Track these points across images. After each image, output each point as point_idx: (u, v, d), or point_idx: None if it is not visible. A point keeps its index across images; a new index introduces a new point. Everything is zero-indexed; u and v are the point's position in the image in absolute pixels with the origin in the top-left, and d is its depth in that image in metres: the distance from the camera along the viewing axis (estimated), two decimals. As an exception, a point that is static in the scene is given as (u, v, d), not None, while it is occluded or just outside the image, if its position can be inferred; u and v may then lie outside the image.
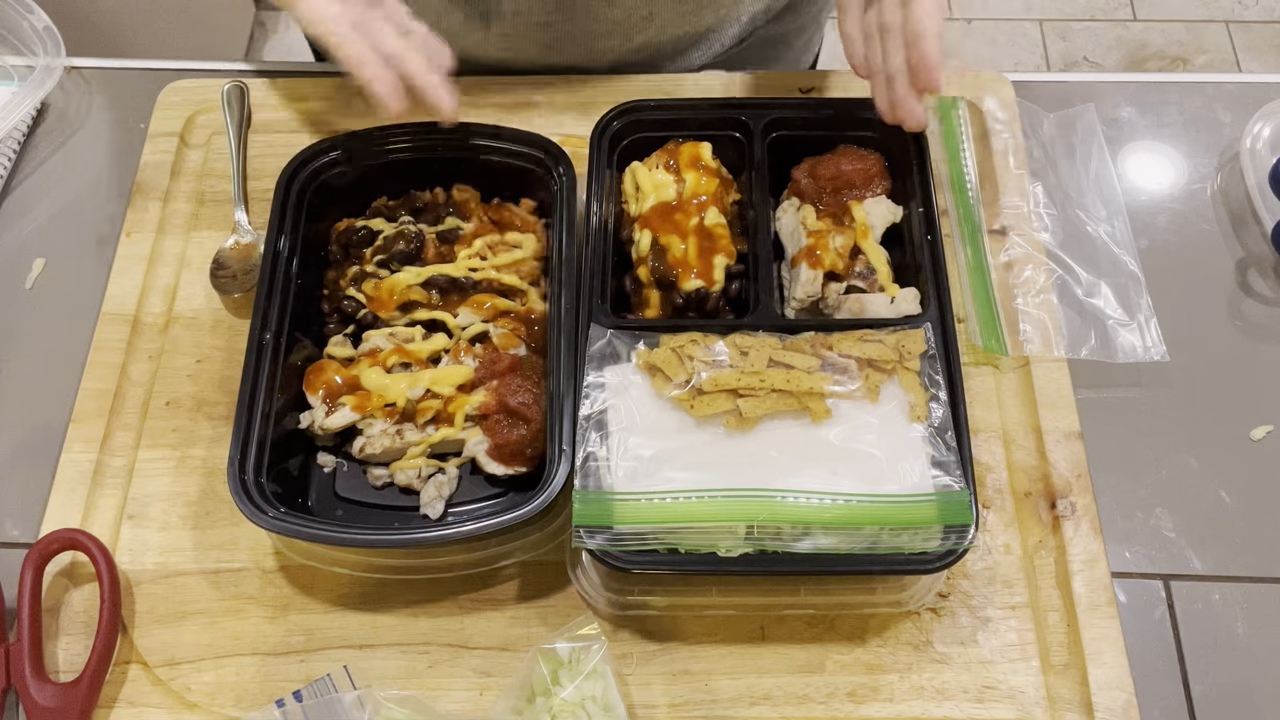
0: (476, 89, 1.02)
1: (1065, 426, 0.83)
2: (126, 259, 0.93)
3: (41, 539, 0.76)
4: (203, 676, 0.75)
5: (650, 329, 0.79)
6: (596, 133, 0.89)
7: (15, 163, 1.00)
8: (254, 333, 0.80)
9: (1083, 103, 1.01)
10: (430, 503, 0.80)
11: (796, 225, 0.87)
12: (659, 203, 0.86)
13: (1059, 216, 0.94)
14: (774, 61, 1.16)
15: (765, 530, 0.70)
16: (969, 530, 0.70)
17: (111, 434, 0.84)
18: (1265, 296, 0.92)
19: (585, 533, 0.70)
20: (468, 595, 0.78)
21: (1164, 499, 0.82)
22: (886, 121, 0.82)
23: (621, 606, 0.76)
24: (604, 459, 0.73)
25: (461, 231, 0.88)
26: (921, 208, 0.85)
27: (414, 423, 0.80)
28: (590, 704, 0.69)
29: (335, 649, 0.76)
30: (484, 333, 0.84)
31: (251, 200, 0.96)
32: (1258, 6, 2.65)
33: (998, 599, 0.77)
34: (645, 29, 1.00)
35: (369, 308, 0.85)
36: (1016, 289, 0.89)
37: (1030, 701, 0.73)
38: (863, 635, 0.76)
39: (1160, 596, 0.79)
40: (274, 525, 0.73)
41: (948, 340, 0.79)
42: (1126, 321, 0.88)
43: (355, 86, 0.79)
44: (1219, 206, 0.96)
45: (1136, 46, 2.57)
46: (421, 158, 0.90)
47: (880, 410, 0.75)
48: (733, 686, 0.74)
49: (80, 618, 0.78)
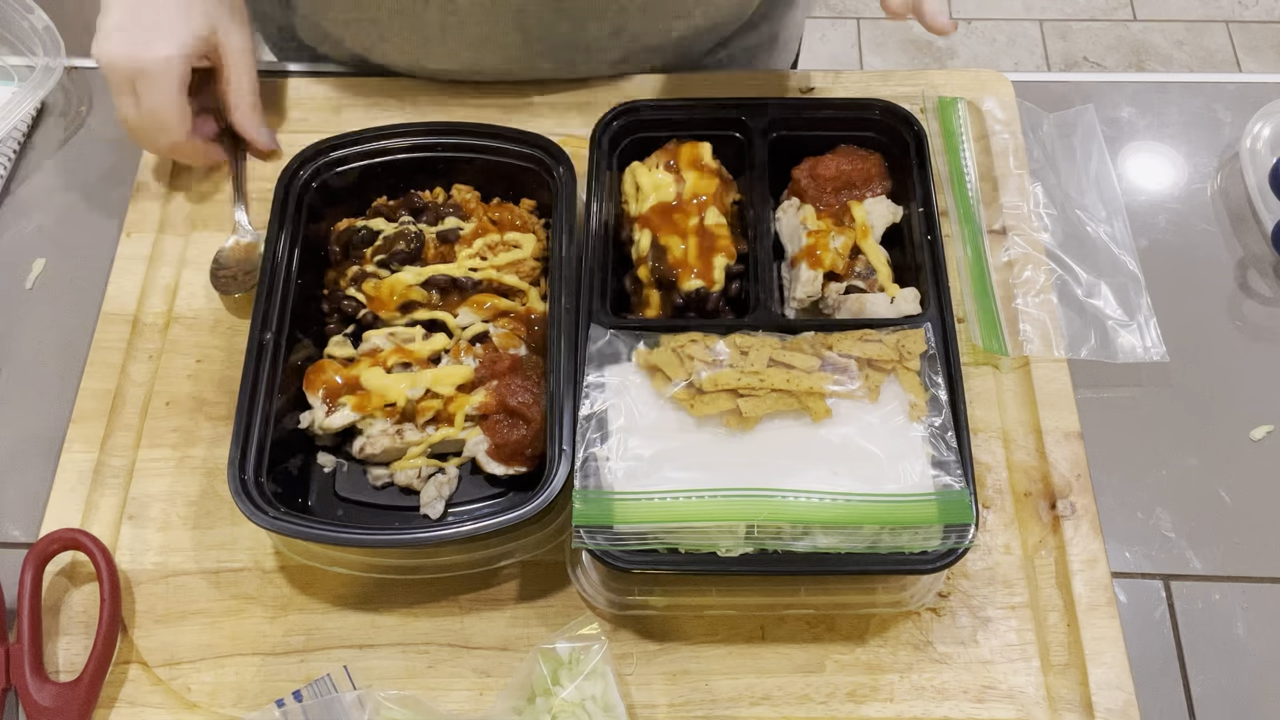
0: (476, 89, 1.02)
1: (1065, 426, 0.83)
2: (126, 259, 0.93)
3: (41, 539, 0.76)
4: (203, 676, 0.75)
5: (650, 329, 0.79)
6: (596, 133, 0.89)
7: (15, 163, 1.00)
8: (254, 333, 0.80)
9: (1083, 103, 1.01)
10: (430, 503, 0.80)
11: (796, 225, 0.87)
12: (659, 203, 0.86)
13: (1059, 216, 0.94)
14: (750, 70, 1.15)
15: (765, 530, 0.70)
16: (969, 530, 0.70)
17: (111, 434, 0.84)
18: (1265, 296, 0.92)
19: (585, 533, 0.70)
20: (468, 595, 0.78)
21: (1164, 499, 0.82)
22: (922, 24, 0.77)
23: (621, 606, 0.76)
24: (604, 459, 0.73)
25: (461, 231, 0.88)
26: (921, 208, 0.85)
27: (414, 423, 0.80)
28: (590, 704, 0.69)
29: (335, 649, 0.76)
30: (484, 333, 0.84)
31: (251, 200, 0.96)
32: (1258, 6, 2.65)
33: (998, 599, 0.77)
34: (613, 45, 0.99)
35: (369, 308, 0.85)
36: (1016, 289, 0.89)
37: (1030, 701, 0.73)
38: (863, 635, 0.76)
39: (1160, 596, 0.79)
40: (274, 525, 0.73)
41: (948, 340, 0.79)
42: (1126, 322, 0.88)
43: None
44: (1219, 206, 0.96)
45: (1136, 46, 2.57)
46: (421, 157, 0.90)
47: (880, 410, 0.75)
48: (733, 686, 0.74)
49: (80, 618, 0.78)
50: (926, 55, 2.61)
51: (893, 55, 2.61)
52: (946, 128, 0.97)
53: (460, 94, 1.02)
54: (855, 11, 2.69)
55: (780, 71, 1.16)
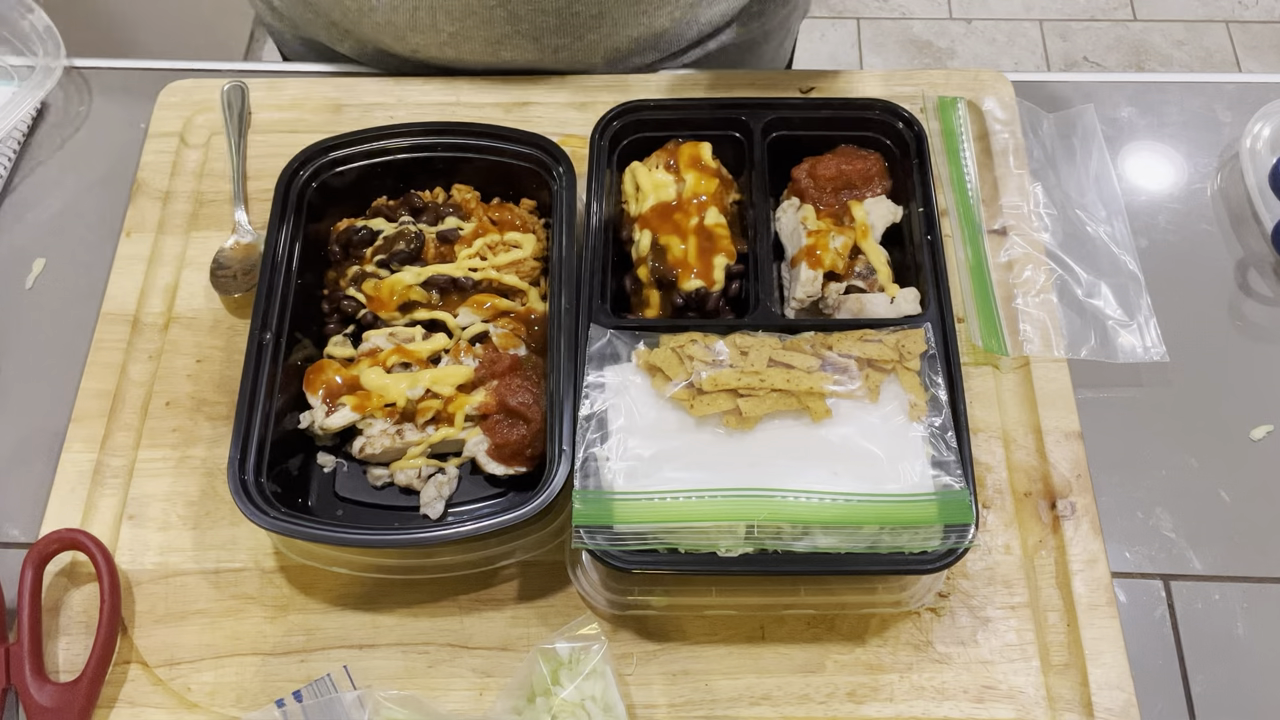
0: (477, 89, 1.02)
1: (1065, 426, 0.83)
2: (126, 259, 0.93)
3: (41, 539, 0.76)
4: (203, 676, 0.75)
5: (650, 329, 0.79)
6: (596, 133, 0.89)
7: (15, 163, 1.00)
8: (254, 333, 0.80)
9: (1083, 103, 1.01)
10: (430, 503, 0.80)
11: (796, 225, 0.87)
12: (659, 203, 0.86)
13: (1059, 216, 0.94)
14: (740, 66, 1.14)
15: (765, 530, 0.70)
16: (969, 530, 0.70)
17: (111, 434, 0.84)
18: (1265, 296, 0.92)
19: (585, 533, 0.70)
20: (468, 595, 0.78)
21: (1164, 499, 0.82)
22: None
23: (621, 606, 0.76)
24: (604, 459, 0.73)
25: (461, 231, 0.88)
26: (921, 208, 0.85)
27: (414, 423, 0.80)
28: (590, 704, 0.69)
29: (335, 649, 0.76)
30: (484, 333, 0.84)
31: (251, 200, 0.96)
32: (1258, 6, 2.65)
33: (998, 599, 0.77)
34: (596, 27, 0.99)
35: (369, 308, 0.85)
36: (1016, 289, 0.89)
37: (1030, 701, 0.73)
38: (863, 635, 0.76)
39: (1160, 596, 0.79)
40: (274, 525, 0.73)
41: (948, 340, 0.79)
42: (1126, 322, 0.88)
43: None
44: (1219, 206, 0.96)
45: (1136, 46, 2.57)
46: (421, 158, 0.90)
47: (880, 410, 0.75)
48: (733, 686, 0.74)
49: (80, 618, 0.78)
50: (926, 55, 2.61)
51: (893, 55, 2.61)
52: (946, 128, 0.97)
53: (461, 94, 1.02)
54: (855, 11, 2.69)
55: (780, 71, 1.16)
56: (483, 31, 0.98)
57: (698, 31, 1.05)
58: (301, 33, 1.09)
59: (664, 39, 1.03)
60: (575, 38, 1.00)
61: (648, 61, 1.06)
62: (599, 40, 1.00)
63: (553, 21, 0.98)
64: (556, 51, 1.00)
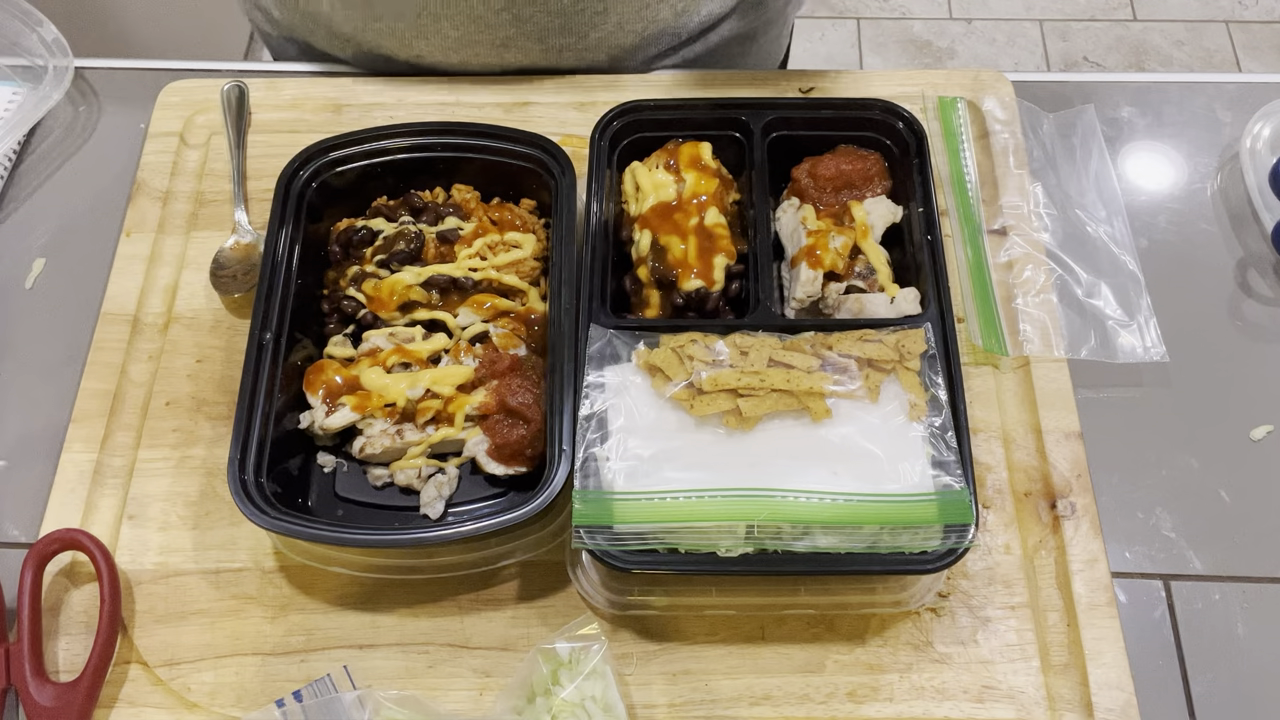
0: (477, 89, 1.02)
1: (1065, 426, 0.83)
2: (126, 259, 0.93)
3: (41, 539, 0.76)
4: (203, 676, 0.75)
5: (650, 329, 0.79)
6: (596, 133, 0.89)
7: (15, 163, 1.00)
8: (254, 333, 0.80)
9: (1083, 103, 1.01)
10: (430, 503, 0.80)
11: (796, 225, 0.87)
12: (659, 203, 0.86)
13: (1059, 216, 0.94)
14: (740, 59, 1.15)
15: (765, 530, 0.70)
16: (969, 530, 0.70)
17: (111, 434, 0.84)
18: (1265, 296, 0.92)
19: (585, 533, 0.70)
20: (468, 595, 0.78)
21: (1164, 499, 0.82)
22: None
23: (621, 606, 0.76)
24: (604, 459, 0.73)
25: (461, 231, 0.88)
26: (921, 208, 0.85)
27: (414, 423, 0.80)
28: (590, 704, 0.69)
29: (335, 649, 0.76)
30: (484, 333, 0.84)
31: (251, 200, 0.96)
32: (1258, 6, 2.65)
33: (998, 599, 0.77)
34: (600, 25, 0.99)
35: (369, 308, 0.85)
36: (1016, 289, 0.89)
37: (1030, 701, 0.73)
38: (863, 635, 0.76)
39: (1160, 596, 0.79)
40: (274, 525, 0.73)
41: (948, 340, 0.79)
42: (1126, 322, 0.88)
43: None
44: (1219, 206, 0.96)
45: (1136, 46, 2.57)
46: (421, 158, 0.90)
47: (880, 410, 0.75)
48: (733, 686, 0.74)
49: (80, 618, 0.78)
50: (926, 55, 2.60)
51: (893, 55, 2.61)
52: (946, 128, 0.97)
53: (461, 94, 1.02)
54: (855, 11, 2.69)
55: (780, 71, 1.16)
56: (487, 35, 0.98)
57: (699, 24, 1.05)
58: (299, 39, 1.08)
59: (666, 33, 1.03)
60: (579, 36, 1.00)
61: (650, 56, 1.06)
62: (603, 38, 1.00)
63: (557, 22, 0.98)
64: (560, 51, 1.01)
